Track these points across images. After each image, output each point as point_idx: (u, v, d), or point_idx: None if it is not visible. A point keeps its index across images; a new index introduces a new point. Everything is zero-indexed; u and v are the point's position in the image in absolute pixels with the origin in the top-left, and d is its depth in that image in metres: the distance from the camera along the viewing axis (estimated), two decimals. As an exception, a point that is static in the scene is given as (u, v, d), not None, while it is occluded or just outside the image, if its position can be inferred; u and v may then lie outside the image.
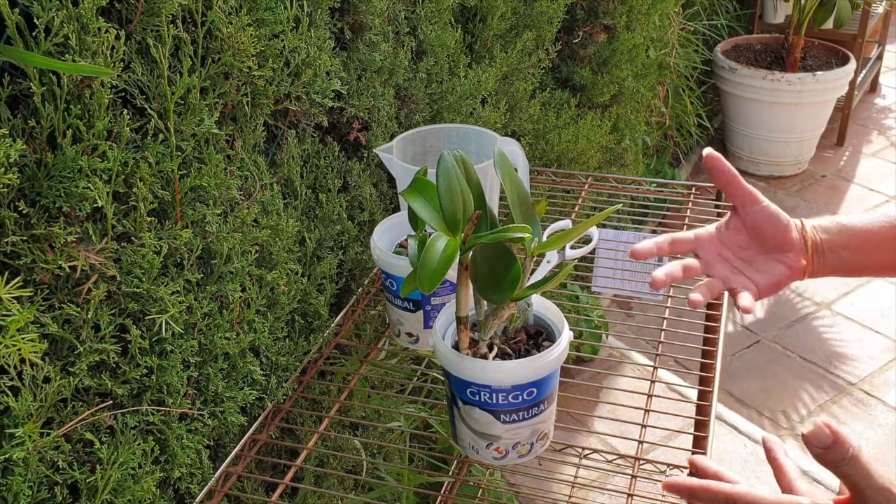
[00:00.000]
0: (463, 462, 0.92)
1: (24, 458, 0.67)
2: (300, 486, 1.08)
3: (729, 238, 0.81)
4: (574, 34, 1.83)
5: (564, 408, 1.93)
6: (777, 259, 0.79)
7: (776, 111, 3.20)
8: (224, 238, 0.87)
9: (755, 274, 0.80)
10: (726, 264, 0.81)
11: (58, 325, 0.70)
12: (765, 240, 0.79)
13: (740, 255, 0.81)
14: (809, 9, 3.12)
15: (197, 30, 0.81)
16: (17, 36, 0.62)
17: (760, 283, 0.79)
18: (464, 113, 1.36)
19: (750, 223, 0.79)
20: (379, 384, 1.32)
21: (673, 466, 0.92)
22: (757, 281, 0.79)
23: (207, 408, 0.89)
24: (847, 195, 3.22)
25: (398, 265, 0.96)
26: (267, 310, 0.98)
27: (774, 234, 0.78)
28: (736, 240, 0.81)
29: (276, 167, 1.02)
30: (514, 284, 0.74)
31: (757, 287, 0.79)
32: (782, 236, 0.78)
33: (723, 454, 2.01)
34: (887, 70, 4.25)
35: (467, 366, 0.77)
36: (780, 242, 0.78)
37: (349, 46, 1.11)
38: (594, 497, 1.83)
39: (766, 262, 0.79)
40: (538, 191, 1.53)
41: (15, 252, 0.66)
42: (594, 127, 1.88)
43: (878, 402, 2.22)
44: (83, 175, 0.68)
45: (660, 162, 2.97)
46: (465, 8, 1.40)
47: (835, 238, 0.78)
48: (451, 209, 0.70)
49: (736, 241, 0.81)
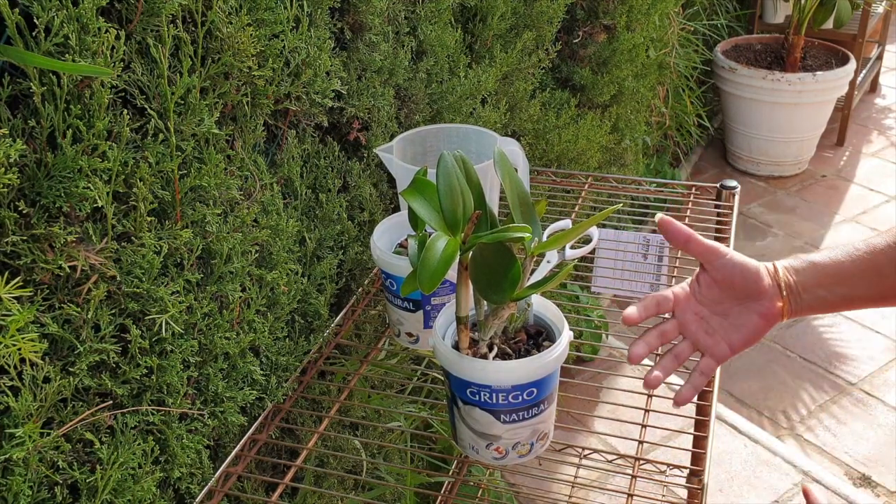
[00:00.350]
0: (463, 462, 0.92)
1: (24, 458, 0.67)
2: (300, 486, 1.08)
3: (702, 294, 0.80)
4: (574, 34, 1.83)
5: (564, 408, 1.93)
6: (751, 309, 0.78)
7: (776, 111, 3.20)
8: (224, 238, 0.87)
9: (730, 330, 0.79)
10: (701, 323, 0.80)
11: (58, 325, 0.70)
12: (737, 291, 0.78)
13: (716, 311, 0.80)
14: (809, 9, 3.12)
15: (197, 30, 0.81)
16: (17, 36, 0.62)
17: (735, 340, 0.79)
18: (464, 113, 1.36)
19: (718, 277, 0.78)
20: (379, 384, 1.32)
21: (673, 466, 0.92)
22: (731, 338, 0.79)
23: (207, 408, 0.89)
24: (847, 195, 3.22)
25: (398, 265, 0.96)
26: (267, 310, 0.98)
27: (745, 284, 0.77)
28: (709, 295, 0.80)
29: (276, 167, 1.02)
30: (514, 284, 0.74)
31: (730, 346, 0.79)
32: (754, 285, 0.77)
33: (723, 454, 2.01)
34: (887, 70, 4.25)
35: (467, 366, 0.77)
36: (753, 291, 0.77)
37: (349, 46, 1.11)
38: (594, 497, 1.83)
39: (741, 314, 0.79)
40: (538, 191, 1.53)
41: (15, 252, 0.66)
42: (594, 127, 1.88)
43: (878, 402, 2.22)
44: (83, 175, 0.68)
45: (660, 162, 2.97)
46: (465, 8, 1.40)
47: (808, 279, 0.77)
48: (451, 209, 0.70)
49: (709, 297, 0.80)
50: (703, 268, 0.80)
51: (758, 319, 0.78)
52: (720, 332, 0.79)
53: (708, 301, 0.80)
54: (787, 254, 2.84)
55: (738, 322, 0.79)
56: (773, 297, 0.77)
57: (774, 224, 3.03)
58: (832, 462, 2.03)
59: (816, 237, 2.94)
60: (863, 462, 2.02)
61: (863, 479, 1.98)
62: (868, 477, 1.98)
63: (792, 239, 2.94)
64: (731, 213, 1.30)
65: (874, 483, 1.96)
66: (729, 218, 1.29)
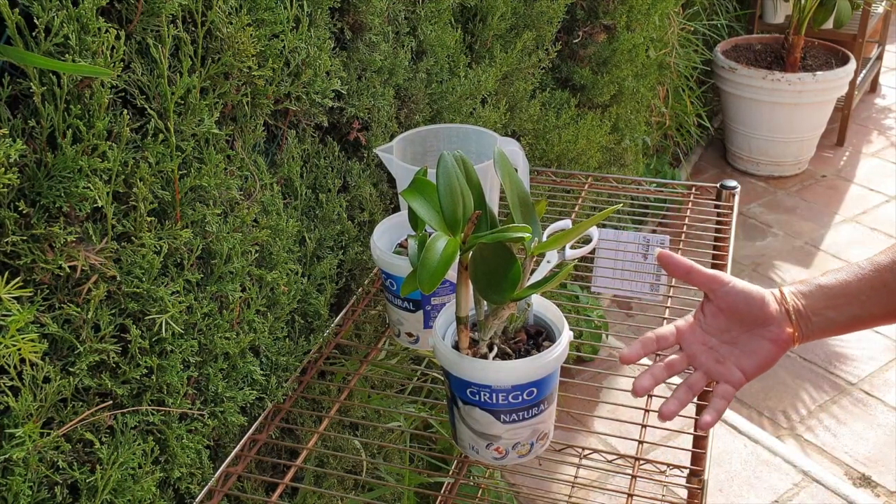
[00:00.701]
0: (463, 462, 0.92)
1: (24, 458, 0.67)
2: (300, 486, 1.08)
3: (708, 324, 0.79)
4: (574, 34, 1.83)
5: (564, 408, 1.93)
6: (760, 335, 0.77)
7: (776, 111, 3.20)
8: (224, 238, 0.87)
9: (741, 357, 0.78)
10: (711, 353, 0.79)
11: (58, 325, 0.70)
12: (742, 318, 0.78)
13: (724, 339, 0.79)
14: (809, 9, 3.12)
15: (197, 30, 0.81)
16: (17, 36, 0.62)
17: (747, 366, 0.78)
18: (464, 113, 1.36)
19: (723, 305, 0.78)
20: (379, 384, 1.32)
21: (673, 466, 0.92)
22: (744, 366, 0.78)
23: (207, 408, 0.89)
24: (847, 195, 3.22)
25: (398, 265, 0.96)
26: (267, 310, 0.98)
27: (750, 311, 0.77)
28: (715, 324, 0.79)
29: (276, 167, 1.02)
30: (514, 284, 0.74)
31: (744, 372, 0.78)
32: (759, 311, 0.77)
33: (723, 454, 2.01)
34: (887, 70, 4.25)
35: (467, 366, 0.77)
36: (759, 317, 0.77)
37: (349, 46, 1.11)
38: (594, 497, 1.83)
39: (751, 341, 0.78)
40: (538, 191, 1.53)
41: (15, 252, 0.66)
42: (594, 127, 1.88)
43: (878, 402, 2.22)
44: (83, 175, 0.68)
45: (660, 162, 2.97)
46: (465, 8, 1.40)
47: (816, 301, 0.76)
48: (451, 209, 0.70)
49: (716, 326, 0.79)
50: (707, 297, 0.79)
51: (769, 345, 0.77)
52: (731, 358, 0.78)
53: (715, 330, 0.79)
54: (787, 254, 2.84)
55: (747, 349, 0.78)
56: (782, 323, 0.76)
57: (774, 224, 3.03)
58: (832, 462, 2.03)
59: (816, 237, 2.94)
60: (863, 462, 2.02)
61: (863, 479, 1.98)
62: (868, 477, 1.98)
63: (792, 239, 2.94)
64: (731, 213, 1.30)
65: (874, 483, 1.96)
66: (729, 218, 1.29)
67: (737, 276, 0.81)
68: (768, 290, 0.78)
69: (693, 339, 0.80)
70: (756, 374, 0.78)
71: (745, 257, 2.82)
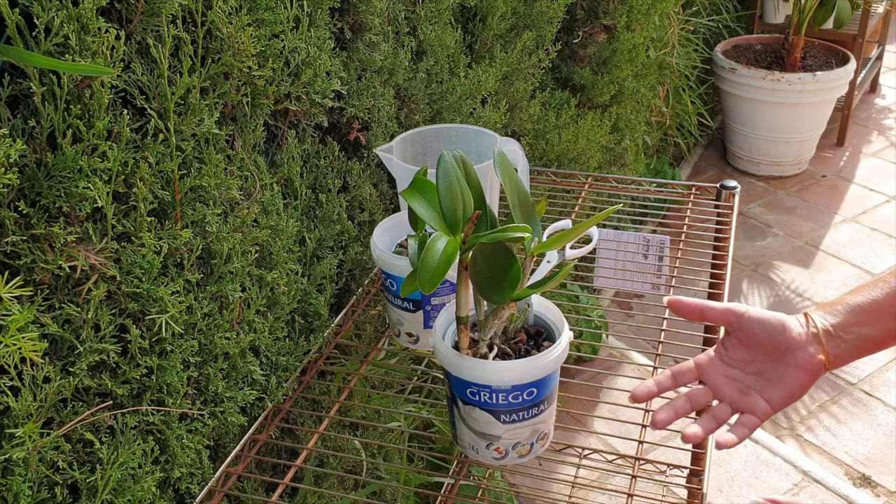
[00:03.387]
0: (463, 462, 0.92)
1: (24, 458, 0.67)
2: (300, 486, 1.08)
3: (730, 357, 0.78)
4: (574, 34, 1.83)
5: (564, 408, 1.93)
6: (786, 363, 0.75)
7: (776, 111, 3.20)
8: (224, 238, 0.87)
9: (767, 388, 0.76)
10: (735, 384, 0.77)
11: (58, 325, 0.70)
12: (765, 347, 0.76)
13: (749, 371, 0.77)
14: (809, 9, 3.12)
15: (197, 30, 0.81)
16: (17, 36, 0.62)
17: (773, 396, 0.75)
18: (464, 113, 1.36)
19: (743, 338, 0.77)
20: (379, 384, 1.32)
21: (673, 466, 0.92)
22: (770, 396, 0.75)
23: (207, 408, 0.89)
24: (847, 195, 3.22)
25: (398, 265, 0.96)
26: (267, 310, 0.98)
27: (771, 339, 0.75)
28: (737, 356, 0.77)
29: (276, 167, 1.02)
30: (514, 284, 0.74)
31: (770, 402, 0.75)
32: (781, 338, 0.75)
33: (723, 454, 2.01)
34: (887, 70, 4.25)
35: (467, 366, 0.77)
36: (781, 344, 0.75)
37: (349, 46, 1.11)
38: (594, 497, 1.83)
39: (777, 369, 0.75)
40: (538, 191, 1.53)
41: (15, 252, 0.66)
42: (594, 127, 1.88)
43: (878, 402, 2.21)
44: (83, 175, 0.68)
45: (660, 162, 2.97)
46: (465, 8, 1.40)
47: (847, 319, 0.74)
48: (451, 209, 0.70)
49: (738, 358, 0.77)
50: (727, 332, 0.78)
51: (796, 372, 0.75)
52: (756, 388, 0.76)
53: (738, 362, 0.78)
54: (787, 254, 2.84)
55: (773, 378, 0.76)
56: (807, 346, 0.74)
57: (774, 224, 3.03)
58: (832, 462, 2.03)
59: (816, 237, 2.94)
60: (863, 462, 2.02)
61: (863, 479, 1.98)
62: (868, 477, 1.98)
63: (792, 239, 2.94)
64: (731, 214, 1.30)
65: (874, 483, 1.96)
66: (729, 218, 1.29)
67: (736, 276, 0.81)
68: (792, 315, 0.76)
69: (714, 372, 0.78)
70: (785, 404, 0.76)
71: (745, 257, 2.82)
